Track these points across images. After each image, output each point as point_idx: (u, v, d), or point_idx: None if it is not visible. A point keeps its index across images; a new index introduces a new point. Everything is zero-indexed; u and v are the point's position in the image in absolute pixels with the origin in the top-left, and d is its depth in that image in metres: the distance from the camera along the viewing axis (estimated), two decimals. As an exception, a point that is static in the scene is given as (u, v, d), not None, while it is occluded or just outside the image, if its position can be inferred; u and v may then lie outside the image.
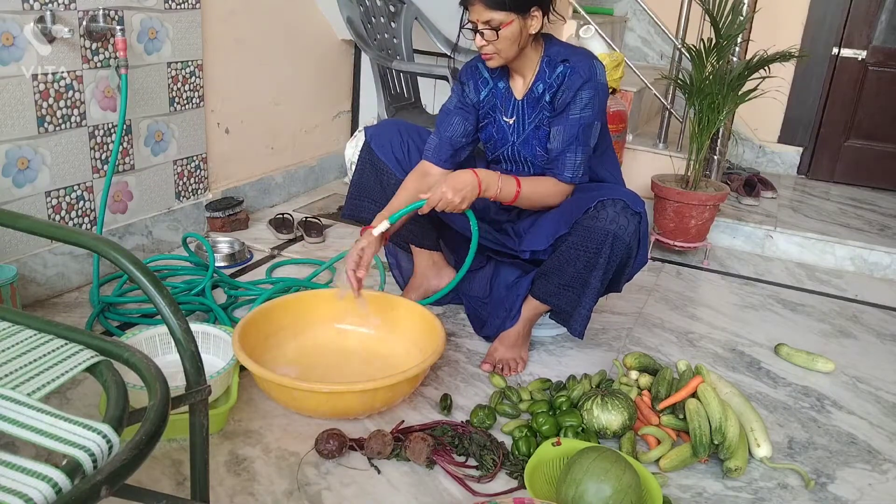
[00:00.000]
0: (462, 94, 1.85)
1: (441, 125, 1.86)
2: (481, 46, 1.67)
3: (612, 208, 1.66)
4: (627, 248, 1.68)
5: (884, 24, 3.60)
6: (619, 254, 1.67)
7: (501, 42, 1.65)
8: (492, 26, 1.62)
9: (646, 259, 1.79)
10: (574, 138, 1.71)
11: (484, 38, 1.65)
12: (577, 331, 1.78)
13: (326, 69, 3.17)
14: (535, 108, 1.78)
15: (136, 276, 0.95)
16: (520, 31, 1.65)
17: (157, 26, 2.21)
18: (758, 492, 1.47)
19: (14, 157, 1.88)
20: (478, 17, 1.63)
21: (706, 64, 2.56)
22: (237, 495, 1.33)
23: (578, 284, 1.73)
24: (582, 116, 1.70)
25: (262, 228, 2.71)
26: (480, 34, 1.65)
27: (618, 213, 1.65)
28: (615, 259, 1.68)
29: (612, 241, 1.65)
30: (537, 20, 1.66)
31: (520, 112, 1.81)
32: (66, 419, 0.83)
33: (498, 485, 1.42)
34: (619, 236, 1.65)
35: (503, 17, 1.62)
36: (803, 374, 1.97)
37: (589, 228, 1.67)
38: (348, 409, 1.56)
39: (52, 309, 1.98)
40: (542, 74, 1.75)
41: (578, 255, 1.69)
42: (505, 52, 1.67)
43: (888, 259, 2.76)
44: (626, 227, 1.65)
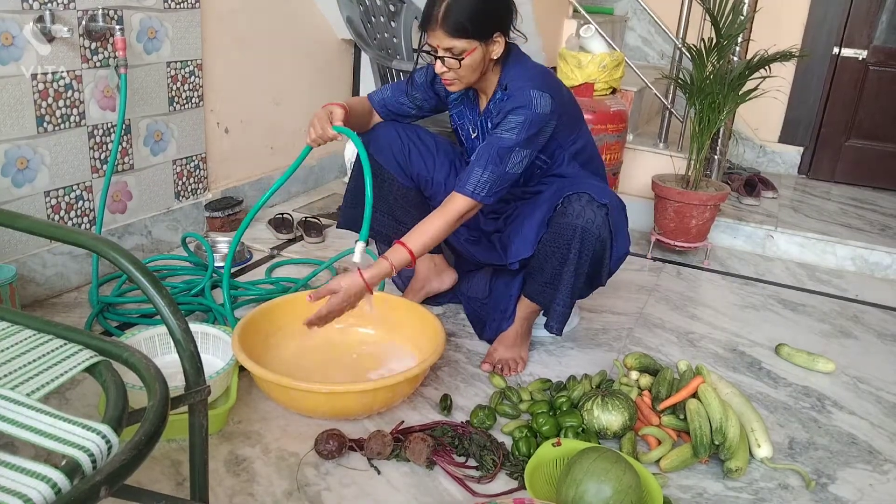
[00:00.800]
0: (432, 80, 1.82)
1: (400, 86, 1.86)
2: (442, 73, 1.63)
3: (577, 203, 1.66)
4: (598, 240, 1.66)
5: (884, 23, 3.60)
6: (590, 247, 1.66)
7: (463, 70, 1.61)
8: (454, 54, 1.58)
9: (625, 249, 1.77)
10: (489, 156, 1.62)
11: (445, 65, 1.60)
12: (554, 327, 1.75)
13: (326, 69, 3.16)
14: (487, 125, 1.80)
15: (136, 276, 0.95)
16: (482, 58, 1.61)
17: (156, 26, 2.21)
18: (758, 492, 1.47)
19: (13, 157, 1.88)
20: (438, 42, 1.58)
21: (707, 63, 2.56)
22: (237, 496, 1.33)
23: (555, 282, 1.72)
24: (503, 137, 1.62)
25: (262, 228, 2.71)
26: (441, 60, 1.60)
27: (583, 207, 1.65)
28: (586, 253, 1.67)
29: (580, 235, 1.65)
30: (499, 45, 1.63)
31: (479, 128, 1.83)
32: (66, 419, 0.82)
33: (498, 485, 1.42)
34: (587, 229, 1.64)
35: (465, 45, 1.57)
36: (804, 374, 1.97)
37: (559, 225, 1.68)
38: (348, 409, 1.55)
39: (51, 309, 1.98)
40: (494, 95, 1.74)
41: (553, 252, 1.70)
42: (466, 78, 1.64)
43: (889, 259, 2.76)
44: (593, 220, 1.64)
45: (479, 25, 1.57)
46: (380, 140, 1.89)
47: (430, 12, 1.58)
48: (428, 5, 1.58)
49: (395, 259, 1.62)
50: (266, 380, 1.51)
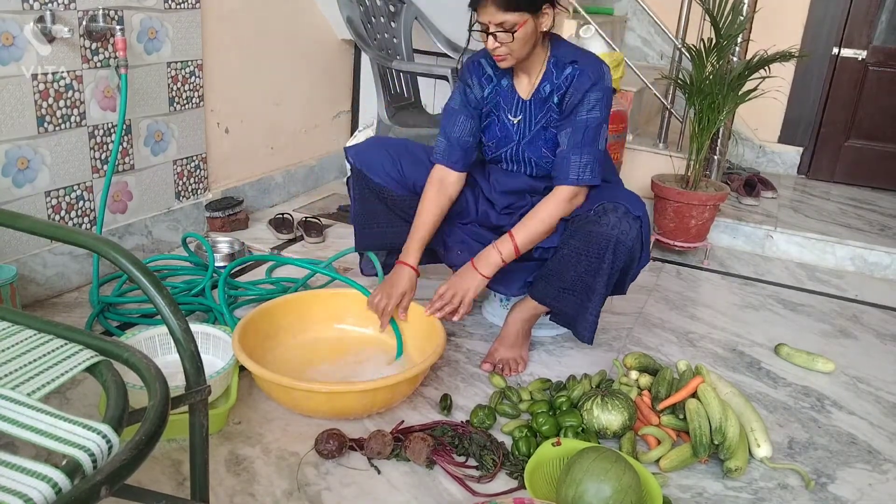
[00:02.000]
0: (465, 92, 1.81)
1: (447, 126, 1.82)
2: (494, 49, 1.63)
3: (613, 214, 1.65)
4: (630, 251, 1.67)
5: (884, 23, 3.60)
6: (622, 258, 1.67)
7: (516, 43, 1.62)
8: (505, 28, 1.59)
9: (648, 259, 1.79)
10: (581, 140, 1.69)
11: (497, 40, 1.61)
12: (587, 336, 1.76)
13: (326, 69, 3.17)
14: (543, 108, 1.75)
15: (136, 276, 0.95)
16: (533, 30, 1.63)
17: (156, 26, 2.21)
18: (758, 492, 1.47)
19: (14, 157, 1.88)
20: (490, 18, 1.59)
21: (706, 64, 2.56)
22: (237, 495, 1.33)
23: (580, 289, 1.71)
24: (589, 118, 1.68)
25: (262, 228, 2.71)
26: (493, 36, 1.61)
27: (619, 219, 1.64)
28: (618, 264, 1.67)
29: (614, 247, 1.64)
30: (548, 17, 1.64)
31: (527, 112, 1.78)
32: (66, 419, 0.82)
33: (498, 485, 1.42)
34: (621, 241, 1.64)
35: (517, 18, 1.58)
36: (803, 374, 1.97)
37: (591, 234, 1.66)
38: (348, 409, 1.56)
39: (51, 309, 1.98)
40: (548, 75, 1.73)
41: (580, 259, 1.68)
42: (518, 52, 1.65)
43: (888, 259, 2.76)
44: (627, 232, 1.64)
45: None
46: (371, 161, 1.88)
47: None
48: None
49: (504, 250, 1.72)
50: (266, 380, 1.51)
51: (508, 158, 1.84)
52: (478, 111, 1.82)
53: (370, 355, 1.82)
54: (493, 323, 2.09)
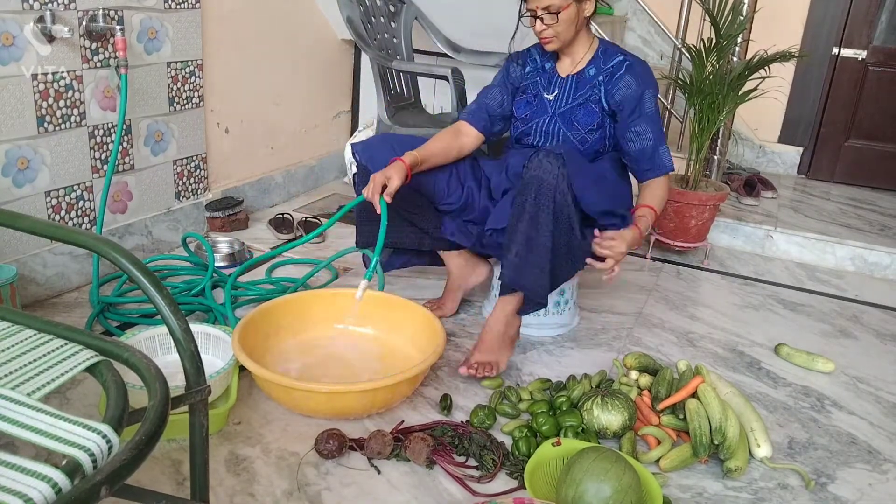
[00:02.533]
0: (506, 73, 1.98)
1: (481, 95, 1.99)
2: (541, 31, 1.79)
3: (535, 158, 1.69)
4: (553, 189, 1.64)
5: (884, 23, 3.60)
6: (546, 197, 1.65)
7: (561, 25, 1.77)
8: (551, 11, 1.75)
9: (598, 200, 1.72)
10: (660, 133, 1.86)
11: (544, 22, 1.77)
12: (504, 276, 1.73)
13: (326, 69, 3.17)
14: (584, 86, 1.88)
15: (136, 276, 0.95)
16: (577, 14, 1.78)
17: (156, 26, 2.21)
18: (758, 492, 1.47)
19: (14, 157, 1.88)
20: (537, 4, 1.76)
21: (706, 64, 2.56)
22: (237, 495, 1.33)
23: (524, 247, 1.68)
24: (652, 112, 1.84)
25: (262, 228, 2.71)
26: (540, 20, 1.77)
27: (540, 160, 1.67)
28: (544, 203, 1.65)
29: (536, 186, 1.66)
30: (591, 3, 1.80)
31: (564, 88, 1.91)
32: (66, 419, 0.82)
33: (498, 485, 1.42)
34: (542, 179, 1.65)
35: (561, 2, 1.74)
36: (803, 374, 1.97)
37: (522, 180, 1.71)
38: (348, 409, 1.56)
39: (51, 309, 1.98)
40: (596, 60, 1.88)
41: (514, 211, 1.71)
42: (563, 34, 1.80)
43: (888, 259, 2.76)
44: (548, 169, 1.65)
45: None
46: (375, 157, 1.88)
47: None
48: None
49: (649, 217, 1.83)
50: (267, 380, 1.51)
51: (537, 130, 1.93)
52: (514, 88, 1.97)
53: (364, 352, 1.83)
54: (493, 323, 2.09)
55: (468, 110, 1.98)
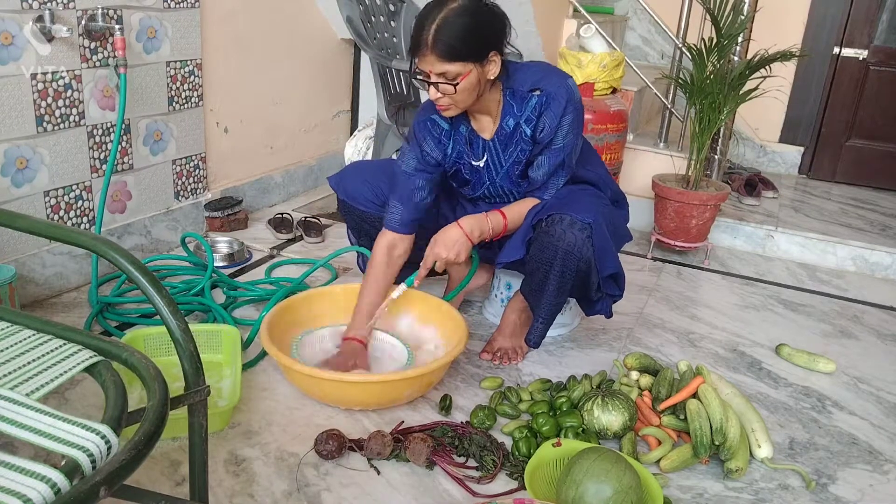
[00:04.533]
0: (421, 155, 1.75)
1: (403, 190, 1.76)
2: (436, 99, 1.56)
3: (559, 225, 1.62)
4: (581, 261, 1.64)
5: (885, 23, 3.60)
6: (572, 267, 1.65)
7: (459, 94, 1.53)
8: (447, 79, 1.50)
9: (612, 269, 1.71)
10: (560, 165, 1.70)
11: (439, 90, 1.53)
12: (531, 340, 1.79)
13: (326, 68, 3.16)
14: (511, 143, 1.72)
15: (135, 276, 0.95)
16: (477, 80, 1.54)
17: (156, 25, 2.20)
18: (759, 493, 1.46)
19: (13, 157, 1.88)
20: (430, 68, 1.50)
21: (707, 63, 2.55)
22: (236, 496, 1.33)
23: (539, 293, 1.73)
24: (565, 144, 1.67)
25: (262, 228, 2.71)
26: (434, 87, 1.53)
27: (564, 230, 1.62)
28: (569, 273, 1.66)
29: (562, 258, 1.63)
30: (495, 64, 1.56)
31: (492, 151, 1.75)
32: (65, 419, 0.82)
33: (498, 485, 1.41)
34: (569, 252, 1.62)
35: (460, 69, 1.49)
36: (804, 374, 1.97)
37: (542, 244, 1.65)
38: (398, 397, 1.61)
39: (50, 309, 1.98)
40: (508, 109, 1.67)
41: (536, 266, 1.69)
42: (462, 102, 1.57)
43: (889, 259, 2.75)
44: (573, 242, 1.61)
45: (472, 46, 1.50)
46: (351, 191, 1.92)
47: (420, 37, 1.49)
48: (416, 29, 1.50)
49: (493, 220, 1.72)
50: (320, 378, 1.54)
51: (489, 196, 1.85)
52: (436, 171, 1.78)
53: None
54: (493, 323, 2.09)
55: (395, 219, 1.76)
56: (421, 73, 1.53)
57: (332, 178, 1.97)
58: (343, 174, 1.96)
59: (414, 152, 1.76)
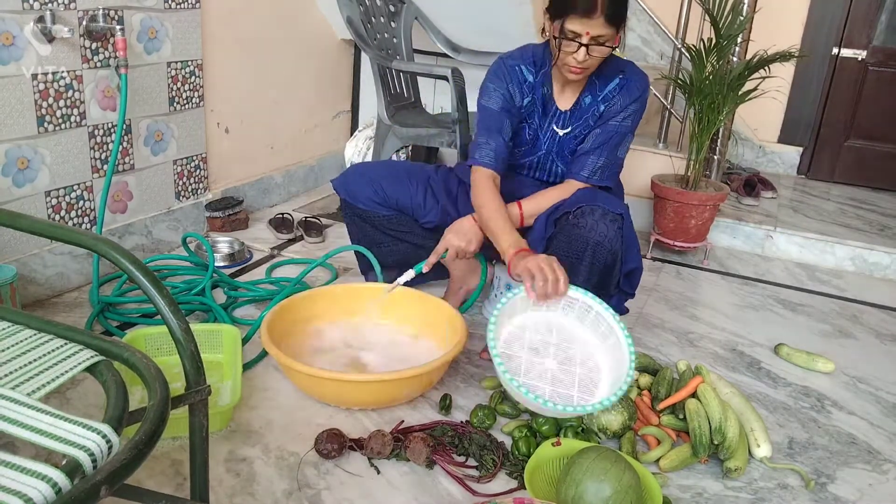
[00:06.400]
0: (508, 96, 1.75)
1: (494, 129, 1.74)
2: (583, 61, 1.58)
3: (591, 217, 1.63)
4: (610, 253, 1.65)
5: (884, 24, 3.60)
6: (602, 259, 1.65)
7: (600, 58, 1.60)
8: (600, 42, 1.56)
9: (636, 264, 1.73)
10: (605, 143, 1.72)
11: (589, 52, 1.56)
12: None
13: (326, 69, 3.16)
14: (580, 119, 1.76)
15: (136, 276, 0.95)
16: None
17: (156, 26, 2.21)
18: (758, 492, 1.47)
19: (14, 157, 1.88)
20: (589, 30, 1.53)
21: (706, 64, 2.56)
22: (237, 495, 1.33)
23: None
24: (621, 125, 1.71)
25: (262, 228, 2.71)
26: (585, 48, 1.55)
27: (596, 221, 1.62)
28: (598, 264, 1.66)
29: (593, 249, 1.64)
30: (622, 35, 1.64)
31: (560, 123, 1.78)
32: (66, 419, 0.82)
33: (498, 485, 1.42)
34: (600, 244, 1.63)
35: (613, 33, 1.56)
36: (803, 374, 1.97)
37: (570, 236, 1.65)
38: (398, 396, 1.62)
39: (51, 309, 1.98)
40: (591, 86, 1.74)
41: (562, 258, 1.66)
42: (594, 66, 1.63)
43: (888, 259, 2.76)
44: (605, 233, 1.62)
45: (624, 15, 1.57)
46: (353, 191, 1.94)
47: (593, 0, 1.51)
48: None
49: (511, 213, 1.73)
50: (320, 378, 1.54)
51: (533, 165, 1.85)
52: (515, 117, 1.78)
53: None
54: (492, 323, 2.09)
55: (490, 156, 1.74)
56: (572, 33, 1.54)
57: (335, 181, 1.99)
58: (347, 176, 1.98)
59: (500, 91, 1.75)
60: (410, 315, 1.90)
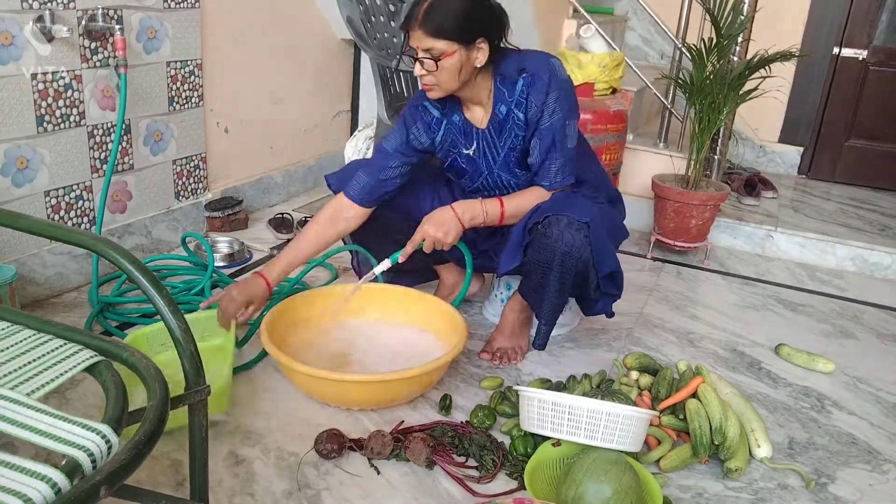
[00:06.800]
0: (406, 137, 1.76)
1: (376, 165, 1.77)
2: (421, 76, 1.58)
3: (556, 227, 1.61)
4: (579, 261, 1.63)
5: (884, 23, 3.60)
6: (572, 268, 1.64)
7: (442, 74, 1.56)
8: (432, 55, 1.53)
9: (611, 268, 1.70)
10: (550, 146, 1.67)
11: (423, 67, 1.56)
12: (537, 343, 1.78)
13: (326, 68, 3.16)
14: (504, 129, 1.72)
15: (135, 276, 0.95)
16: (461, 64, 1.56)
17: (156, 25, 2.20)
18: (758, 492, 1.47)
19: (13, 157, 1.88)
20: (418, 43, 1.54)
21: (707, 63, 2.55)
22: (236, 496, 1.33)
23: (539, 294, 1.72)
24: (553, 122, 1.65)
25: (262, 228, 2.71)
26: (420, 62, 1.56)
27: (562, 231, 1.61)
28: (568, 274, 1.65)
29: (561, 259, 1.62)
30: (483, 52, 1.57)
31: (487, 140, 1.74)
32: (66, 419, 0.82)
33: (498, 485, 1.42)
34: (567, 253, 1.62)
35: (445, 47, 1.52)
36: (804, 374, 1.97)
37: (540, 245, 1.64)
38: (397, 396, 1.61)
39: (51, 309, 1.98)
40: (500, 95, 1.68)
41: (534, 268, 1.68)
42: (445, 84, 1.59)
43: (889, 259, 2.75)
44: (571, 242, 1.61)
45: (460, 28, 1.53)
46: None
47: (412, 12, 1.54)
48: (412, 5, 1.54)
49: (489, 207, 1.70)
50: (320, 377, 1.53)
51: (487, 187, 1.83)
52: (420, 155, 1.78)
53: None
54: (493, 323, 2.09)
55: (360, 188, 1.76)
56: (411, 49, 1.57)
57: (330, 177, 1.94)
58: (342, 172, 1.93)
59: (399, 133, 1.77)
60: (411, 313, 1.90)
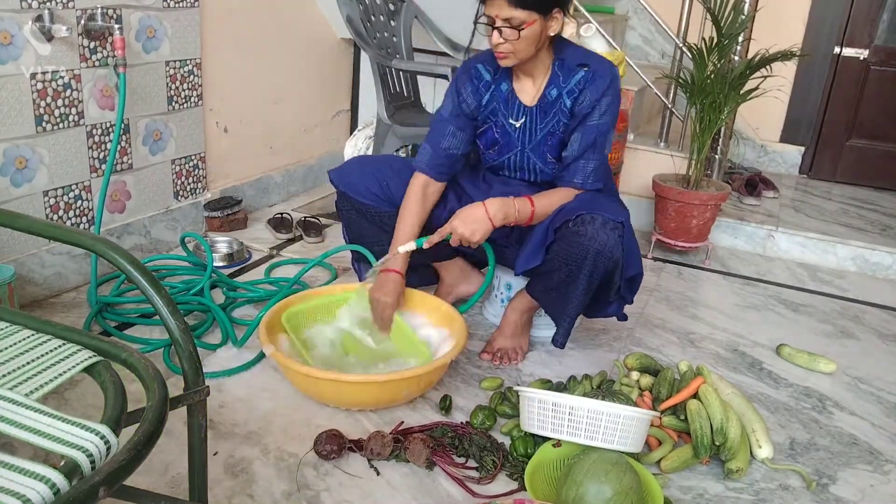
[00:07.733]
0: (458, 101, 1.78)
1: (435, 135, 1.79)
2: (497, 45, 1.59)
3: (591, 225, 1.61)
4: (610, 261, 1.63)
5: (885, 23, 3.59)
6: (602, 268, 1.64)
7: (521, 42, 1.58)
8: (512, 25, 1.55)
9: (636, 270, 1.71)
10: (591, 145, 1.69)
11: (502, 36, 1.57)
12: (559, 341, 1.77)
13: (326, 68, 3.16)
14: (549, 113, 1.73)
15: (134, 276, 0.95)
16: (540, 32, 1.59)
17: (155, 25, 2.20)
18: (759, 493, 1.46)
19: (12, 157, 1.88)
20: (498, 12, 1.55)
21: (708, 63, 2.55)
22: (236, 496, 1.33)
23: (562, 292, 1.70)
24: (600, 123, 1.68)
25: (261, 228, 2.71)
26: (498, 31, 1.57)
27: (597, 230, 1.60)
28: (598, 273, 1.64)
29: (594, 258, 1.61)
30: (557, 22, 1.61)
31: (530, 117, 1.75)
32: (64, 420, 0.82)
33: (498, 486, 1.41)
34: (600, 252, 1.61)
35: (525, 16, 1.55)
36: (805, 374, 1.96)
37: (570, 243, 1.63)
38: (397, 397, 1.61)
39: (49, 309, 1.98)
40: (555, 79, 1.71)
41: (561, 265, 1.66)
42: (522, 52, 1.61)
43: (890, 259, 2.75)
44: (605, 241, 1.60)
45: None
46: (353, 183, 1.89)
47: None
48: None
49: (520, 206, 1.69)
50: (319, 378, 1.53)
51: (512, 166, 1.82)
52: (472, 120, 1.79)
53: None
54: (493, 323, 2.09)
55: (425, 159, 1.79)
56: (487, 17, 1.57)
57: (332, 172, 1.93)
58: (345, 168, 1.92)
59: (451, 97, 1.79)
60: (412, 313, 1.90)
